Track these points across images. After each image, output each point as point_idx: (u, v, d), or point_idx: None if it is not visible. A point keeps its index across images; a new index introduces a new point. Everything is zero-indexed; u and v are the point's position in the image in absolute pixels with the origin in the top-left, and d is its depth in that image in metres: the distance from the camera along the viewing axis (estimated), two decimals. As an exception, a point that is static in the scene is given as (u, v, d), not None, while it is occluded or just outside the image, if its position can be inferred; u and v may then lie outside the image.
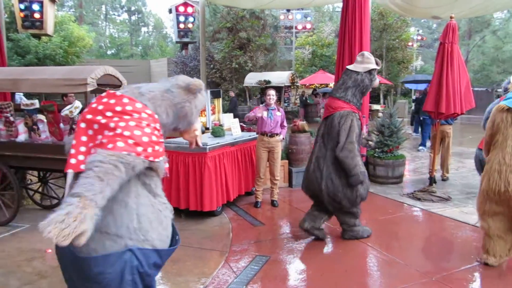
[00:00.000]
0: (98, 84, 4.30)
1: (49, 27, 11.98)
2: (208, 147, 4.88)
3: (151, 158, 1.66)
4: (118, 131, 1.61)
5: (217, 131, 5.58)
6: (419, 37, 26.44)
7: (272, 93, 5.37)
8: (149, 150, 1.65)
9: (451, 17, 5.69)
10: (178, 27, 20.36)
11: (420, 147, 10.04)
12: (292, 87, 18.54)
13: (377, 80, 4.35)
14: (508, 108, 3.44)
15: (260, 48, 19.11)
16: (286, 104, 18.52)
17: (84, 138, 1.69)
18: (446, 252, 4.03)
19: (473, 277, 3.49)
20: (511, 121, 3.44)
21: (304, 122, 7.09)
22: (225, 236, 4.53)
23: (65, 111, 4.33)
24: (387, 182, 6.76)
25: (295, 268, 3.73)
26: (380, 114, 12.77)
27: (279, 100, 18.88)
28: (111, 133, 1.62)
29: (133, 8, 43.37)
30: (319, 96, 18.12)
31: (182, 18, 20.43)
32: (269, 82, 17.58)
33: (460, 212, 5.23)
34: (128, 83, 4.30)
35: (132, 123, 1.65)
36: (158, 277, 3.53)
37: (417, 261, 3.86)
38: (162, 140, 1.80)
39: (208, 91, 6.77)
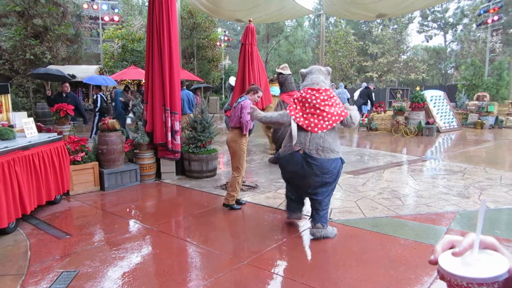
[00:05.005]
0: None
1: None
2: (-9, 153, 4.04)
3: None
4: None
5: (4, 133, 4.68)
6: (226, 38, 28.29)
7: (261, 94, 5.33)
8: None
9: (249, 21, 6.24)
10: None
11: None
12: (101, 82, 17.21)
13: None
14: None
15: (61, 38, 17.07)
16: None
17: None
18: (257, 235, 4.40)
19: (277, 254, 3.91)
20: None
21: (115, 120, 6.66)
22: (22, 256, 3.84)
23: None
24: (202, 176, 6.98)
25: (108, 279, 3.43)
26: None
27: (87, 96, 17.31)
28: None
29: None
30: (134, 93, 17.33)
31: (-50, -5, 16.41)
32: (74, 76, 15.90)
33: (265, 197, 5.81)
34: None
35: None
36: None
37: (230, 248, 4.09)
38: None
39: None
